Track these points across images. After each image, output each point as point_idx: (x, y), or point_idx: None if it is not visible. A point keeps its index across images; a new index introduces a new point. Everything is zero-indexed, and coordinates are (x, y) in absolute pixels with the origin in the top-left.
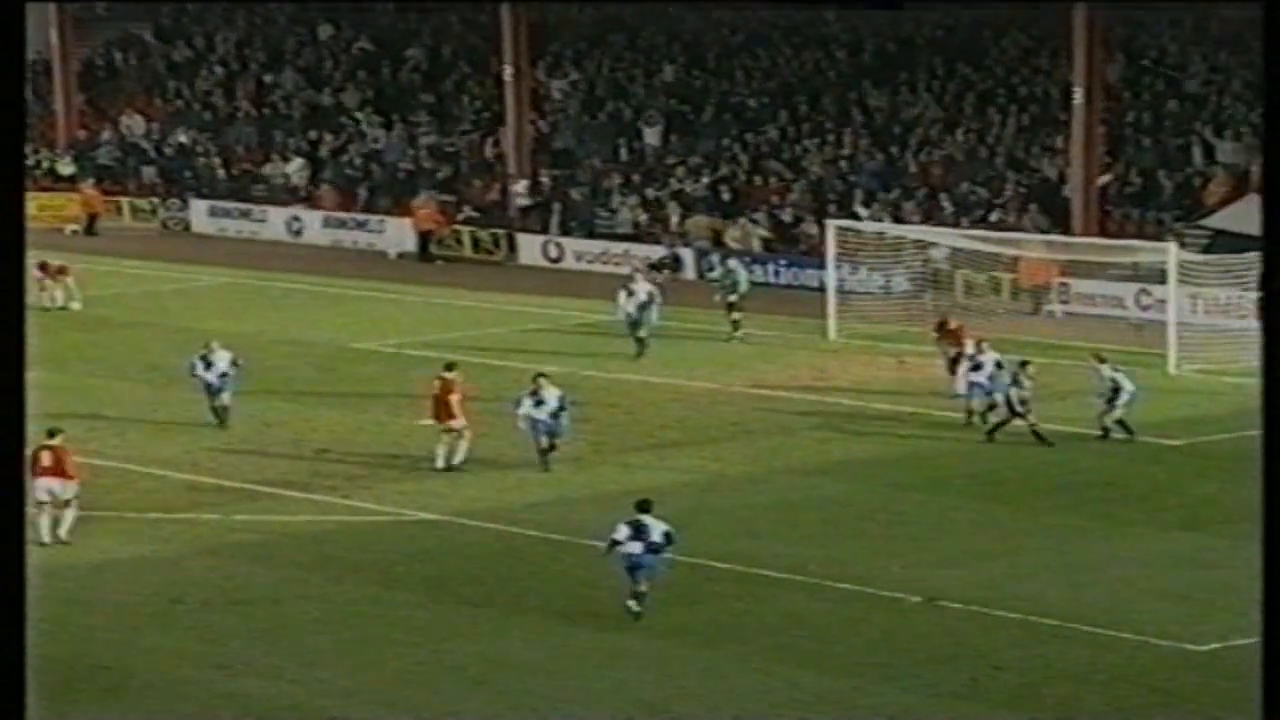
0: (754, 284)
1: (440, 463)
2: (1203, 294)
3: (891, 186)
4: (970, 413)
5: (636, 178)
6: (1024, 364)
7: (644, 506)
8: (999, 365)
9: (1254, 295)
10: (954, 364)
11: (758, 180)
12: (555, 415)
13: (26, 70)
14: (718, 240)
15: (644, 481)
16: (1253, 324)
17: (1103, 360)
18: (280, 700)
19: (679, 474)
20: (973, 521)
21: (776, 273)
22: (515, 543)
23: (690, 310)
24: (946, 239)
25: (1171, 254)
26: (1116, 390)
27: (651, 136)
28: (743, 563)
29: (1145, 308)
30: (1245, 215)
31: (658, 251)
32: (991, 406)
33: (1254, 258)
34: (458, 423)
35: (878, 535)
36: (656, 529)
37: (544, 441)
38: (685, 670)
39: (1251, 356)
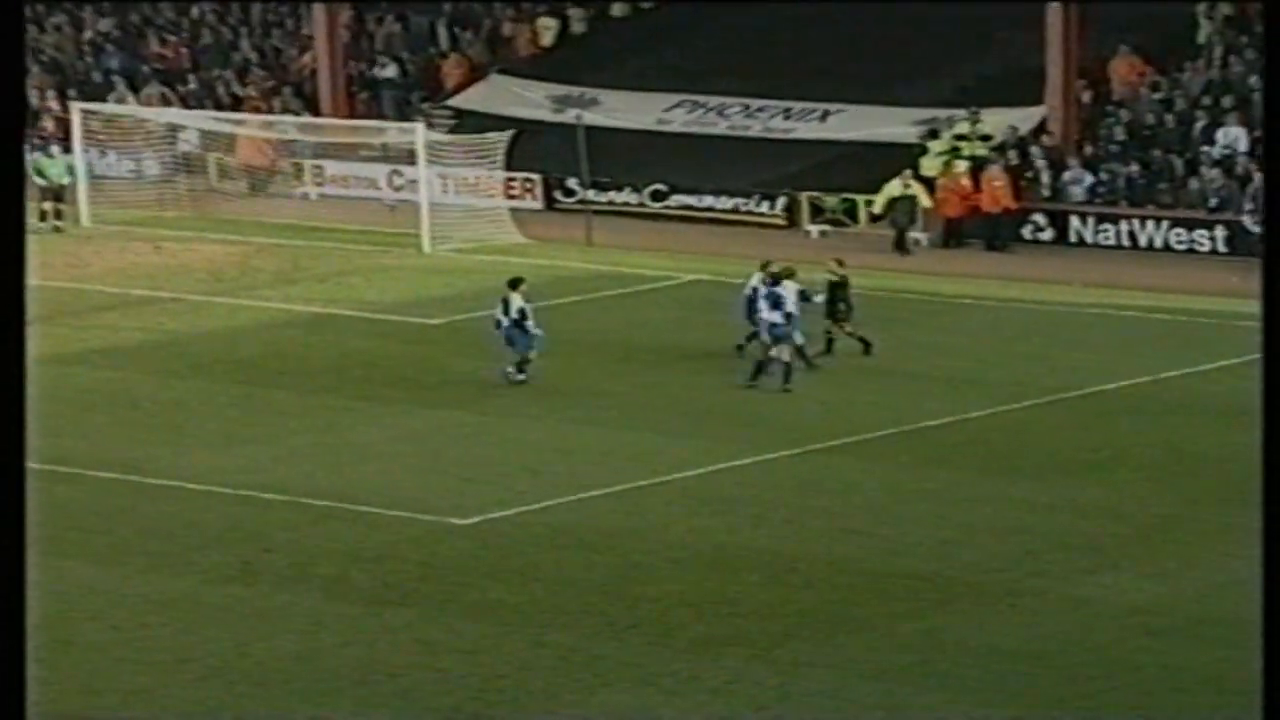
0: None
1: None
2: (452, 174)
3: (137, 69)
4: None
5: None
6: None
7: (513, 284)
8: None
9: (500, 174)
10: None
11: None
12: None
13: None
14: None
15: None
16: (501, 202)
17: (842, 263)
18: None
19: None
20: (238, 405)
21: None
22: None
23: None
24: (196, 122)
25: (419, 134)
26: (833, 302)
27: None
28: None
29: (398, 188)
30: (487, 96)
31: None
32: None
33: (498, 137)
34: None
35: (142, 422)
36: (514, 305)
37: None
38: None
39: (500, 233)
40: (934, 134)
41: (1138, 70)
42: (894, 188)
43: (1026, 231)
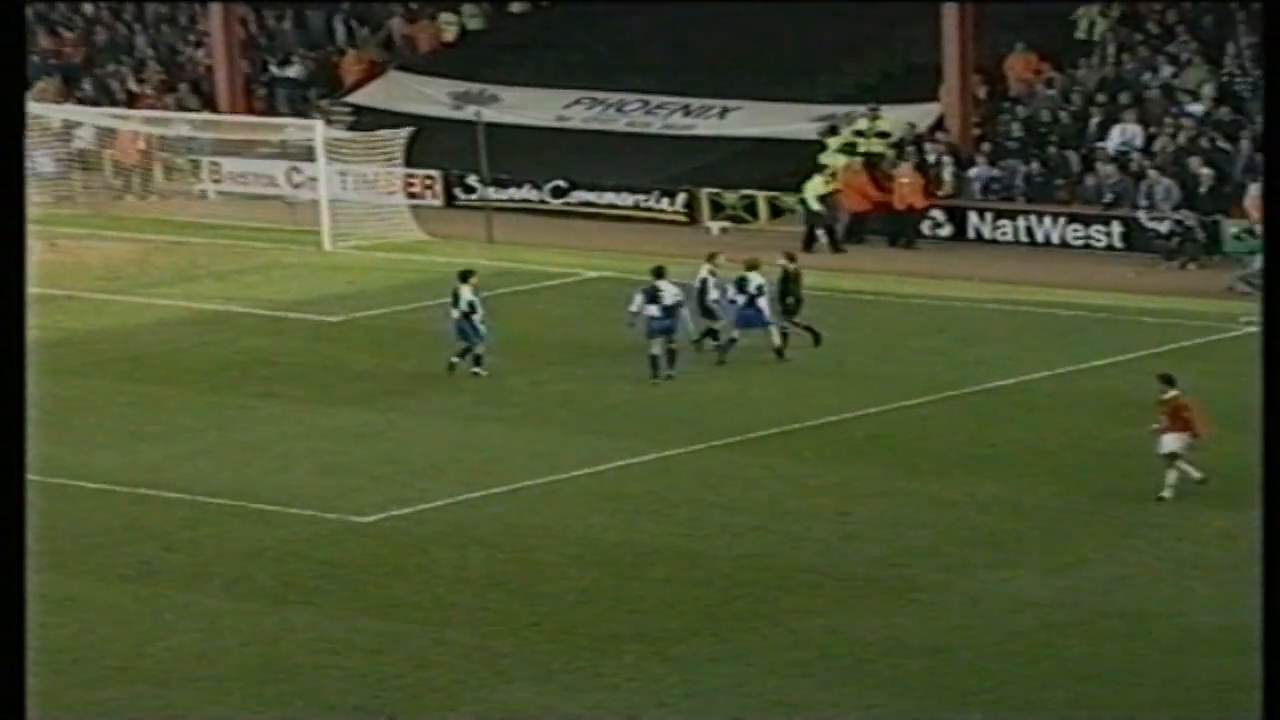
0: None
1: None
2: (351, 170)
3: (29, 65)
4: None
5: None
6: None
7: (463, 276)
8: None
9: (400, 171)
10: None
11: None
12: None
13: None
14: None
15: None
16: (401, 199)
17: (793, 257)
18: None
19: None
20: (137, 404)
21: None
22: None
23: None
24: (91, 119)
25: (318, 131)
26: (784, 296)
27: None
28: None
29: (297, 185)
30: (386, 92)
31: None
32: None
33: (397, 133)
34: None
35: (39, 421)
36: (464, 298)
37: None
38: None
39: (401, 230)
40: (833, 130)
41: (1034, 67)
42: (818, 184)
43: (926, 227)
